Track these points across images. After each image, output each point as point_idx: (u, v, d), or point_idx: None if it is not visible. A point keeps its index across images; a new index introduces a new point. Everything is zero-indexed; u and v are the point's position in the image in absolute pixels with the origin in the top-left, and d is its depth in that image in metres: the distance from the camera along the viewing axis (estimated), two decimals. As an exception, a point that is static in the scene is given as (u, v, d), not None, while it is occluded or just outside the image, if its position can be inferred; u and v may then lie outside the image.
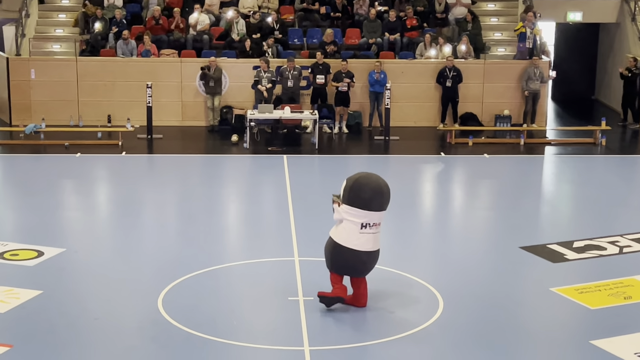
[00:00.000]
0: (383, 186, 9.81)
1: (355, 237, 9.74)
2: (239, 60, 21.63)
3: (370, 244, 9.81)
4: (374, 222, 9.77)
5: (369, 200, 9.68)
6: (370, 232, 9.78)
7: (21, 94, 21.33)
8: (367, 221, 9.73)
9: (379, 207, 9.75)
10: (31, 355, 8.73)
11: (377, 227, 9.85)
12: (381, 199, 9.74)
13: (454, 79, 21.15)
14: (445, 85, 21.21)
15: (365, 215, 9.70)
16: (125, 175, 17.08)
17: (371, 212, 9.70)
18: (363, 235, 9.75)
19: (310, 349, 8.94)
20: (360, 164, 18.42)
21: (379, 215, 9.81)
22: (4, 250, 11.90)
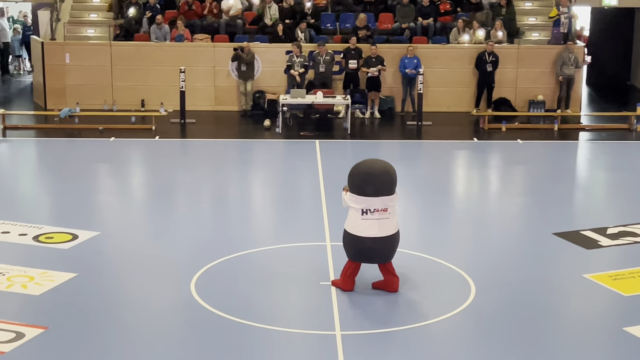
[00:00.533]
0: (376, 172, 9.73)
1: (358, 223, 9.76)
2: (272, 45, 21.64)
3: (374, 230, 9.75)
4: (375, 208, 9.70)
5: (362, 186, 9.69)
6: (373, 218, 9.72)
7: (56, 79, 21.49)
8: (366, 207, 9.70)
9: (374, 192, 9.68)
10: (66, 337, 8.82)
11: (382, 212, 9.74)
12: (373, 184, 9.68)
13: (493, 64, 21.01)
14: (485, 70, 21.06)
15: (364, 201, 9.69)
16: (159, 159, 17.18)
17: (368, 197, 9.67)
18: (365, 221, 9.73)
19: (342, 334, 8.96)
20: (392, 149, 18.40)
21: (381, 201, 9.71)
22: (39, 234, 12.03)
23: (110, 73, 21.47)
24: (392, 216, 9.86)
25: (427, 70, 20.79)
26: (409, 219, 13.56)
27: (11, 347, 8.53)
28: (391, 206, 9.82)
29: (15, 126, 19.71)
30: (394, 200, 9.85)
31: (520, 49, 21.77)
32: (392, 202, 9.83)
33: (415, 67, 20.79)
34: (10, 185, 15.27)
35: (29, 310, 9.53)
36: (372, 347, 8.74)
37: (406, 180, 15.65)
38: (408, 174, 16.15)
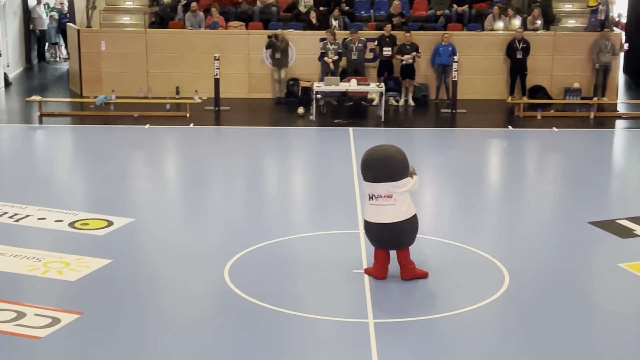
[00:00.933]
0: (376, 158, 9.72)
1: (366, 208, 9.91)
2: (306, 32, 21.63)
3: (379, 216, 9.74)
4: (378, 194, 9.70)
5: (363, 172, 9.82)
6: (377, 204, 9.73)
7: (92, 66, 21.64)
8: (370, 192, 9.77)
9: (374, 179, 9.70)
10: (100, 323, 8.90)
11: (386, 199, 9.69)
12: (372, 171, 9.72)
13: (524, 51, 20.86)
14: (515, 57, 20.92)
15: (368, 186, 9.79)
16: (193, 146, 17.25)
17: (368, 183, 9.76)
18: (371, 206, 9.80)
19: (375, 322, 8.96)
20: (426, 137, 18.35)
21: (383, 187, 9.65)
22: (74, 220, 12.14)
23: (145, 60, 21.58)
24: (400, 203, 9.73)
25: (461, 58, 20.68)
26: (443, 207, 13.53)
27: (47, 332, 8.63)
28: (397, 193, 9.69)
29: (51, 113, 19.89)
30: (401, 187, 9.70)
31: (557, 36, 21.59)
32: (398, 189, 9.68)
33: (449, 55, 20.68)
34: (46, 172, 15.42)
35: (64, 296, 9.63)
36: (405, 335, 8.73)
37: (440, 168, 15.62)
38: (442, 162, 16.11)
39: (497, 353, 8.38)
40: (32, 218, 12.21)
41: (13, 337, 8.50)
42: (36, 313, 9.04)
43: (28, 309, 9.12)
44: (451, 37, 21.07)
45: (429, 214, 13.09)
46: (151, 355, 8.23)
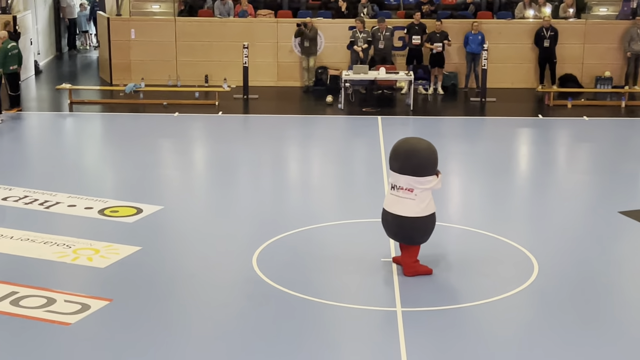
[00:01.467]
0: (402, 150, 9.65)
1: (387, 196, 9.93)
2: (335, 20, 21.58)
3: (395, 207, 9.69)
4: (400, 186, 9.62)
5: (390, 160, 9.83)
6: (396, 194, 9.68)
7: (121, 54, 21.73)
8: (392, 182, 9.74)
9: (398, 169, 9.65)
10: (130, 309, 8.96)
11: (407, 192, 9.61)
12: (397, 161, 9.67)
13: (552, 39, 20.69)
14: (542, 45, 20.76)
15: (391, 175, 9.79)
16: (222, 134, 17.29)
17: (393, 172, 9.72)
18: (391, 196, 9.78)
19: (403, 310, 8.95)
20: (455, 125, 18.27)
21: (405, 180, 9.56)
22: (104, 207, 12.21)
23: (174, 49, 21.64)
24: (420, 200, 9.61)
25: (491, 46, 20.55)
26: (472, 196, 13.48)
27: (76, 318, 8.69)
28: (419, 189, 9.58)
29: (81, 101, 20.00)
30: (423, 184, 9.58)
31: (587, 24, 21.39)
32: (420, 185, 9.57)
33: (479, 43, 20.56)
34: (76, 159, 15.51)
35: (94, 282, 9.70)
36: (433, 324, 8.72)
37: (469, 157, 15.56)
38: (471, 151, 16.03)
39: (525, 343, 8.35)
40: (62, 205, 12.30)
41: (43, 323, 8.57)
42: (66, 299, 9.12)
43: (58, 296, 9.20)
44: (481, 25, 20.94)
45: (458, 203, 13.05)
46: (179, 342, 8.27)
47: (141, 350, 8.08)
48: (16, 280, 9.55)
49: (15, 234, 11.06)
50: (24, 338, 8.29)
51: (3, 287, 9.38)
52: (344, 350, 8.18)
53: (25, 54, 21.81)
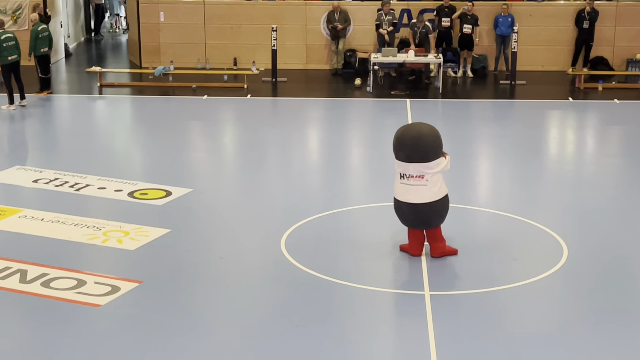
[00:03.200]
0: (407, 138, 9.53)
1: (397, 186, 9.75)
2: (364, 2, 21.50)
3: (408, 195, 9.60)
4: (410, 174, 9.54)
5: (395, 150, 9.63)
6: (407, 183, 9.58)
7: (151, 37, 21.79)
8: (401, 171, 9.61)
9: (405, 158, 9.53)
10: (159, 291, 9.02)
11: (418, 179, 9.54)
12: (403, 150, 9.54)
13: (592, 20, 20.48)
14: (582, 27, 20.56)
15: (400, 165, 9.62)
16: (250, 117, 17.31)
17: (400, 162, 9.59)
18: (402, 185, 9.65)
19: (431, 294, 8.94)
20: (484, 108, 18.17)
21: (415, 168, 9.49)
22: (134, 190, 12.28)
23: (203, 31, 21.67)
24: (431, 184, 9.56)
25: (521, 28, 20.40)
26: (501, 179, 13.42)
27: (106, 300, 8.76)
28: (429, 174, 9.52)
29: (111, 84, 20.09)
30: (432, 168, 9.51)
31: (619, 6, 21.17)
32: (430, 170, 9.51)
33: (509, 26, 20.41)
34: (106, 142, 15.60)
35: (124, 264, 9.77)
36: (461, 307, 8.70)
37: (499, 140, 15.48)
38: (501, 134, 15.95)
39: (554, 327, 8.31)
40: (93, 188, 12.38)
41: (74, 305, 8.65)
42: (96, 281, 9.19)
43: (88, 277, 9.28)
44: (510, 7, 20.78)
45: (487, 187, 13.00)
46: (208, 324, 8.32)
47: (171, 332, 8.13)
48: (47, 262, 9.64)
49: (45, 216, 11.15)
50: (55, 319, 8.37)
51: (34, 268, 9.47)
52: (372, 333, 8.19)
53: (55, 36, 21.92)
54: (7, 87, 17.28)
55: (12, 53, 17.20)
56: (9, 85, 17.25)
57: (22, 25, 21.40)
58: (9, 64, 17.16)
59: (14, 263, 9.61)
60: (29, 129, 16.44)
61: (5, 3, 21.75)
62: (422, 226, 9.80)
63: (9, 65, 17.17)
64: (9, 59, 17.14)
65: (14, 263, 9.61)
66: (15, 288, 9.02)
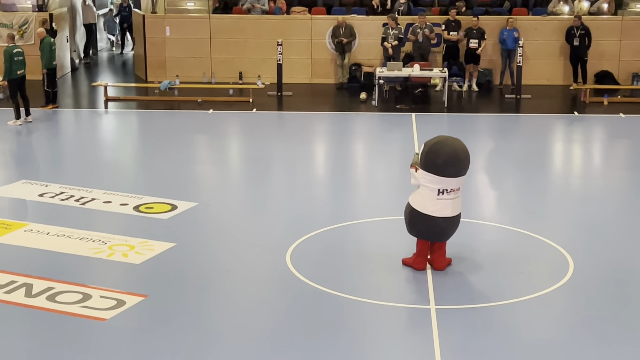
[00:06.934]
0: (460, 152, 9.48)
1: (432, 203, 9.54)
2: (369, 17, 21.55)
3: (449, 209, 9.58)
4: (451, 188, 9.51)
5: (444, 166, 9.41)
6: (448, 197, 9.53)
7: (156, 51, 21.85)
8: (443, 187, 9.48)
9: (455, 173, 9.47)
10: (165, 305, 9.01)
11: (456, 192, 9.58)
12: (458, 165, 9.46)
13: (582, 38, 20.47)
14: (572, 44, 20.58)
15: (441, 181, 9.46)
16: (256, 131, 17.33)
17: (447, 178, 9.45)
18: (440, 201, 9.53)
19: (437, 308, 8.92)
20: (490, 122, 18.18)
21: (457, 181, 9.53)
22: (139, 204, 12.29)
23: (209, 46, 21.72)
24: (461, 193, 9.71)
25: (527, 43, 20.42)
26: (507, 193, 13.40)
27: (112, 314, 8.76)
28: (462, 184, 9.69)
29: (116, 98, 20.14)
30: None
31: (625, 20, 21.19)
32: (462, 181, 9.67)
33: (514, 40, 20.43)
34: (112, 156, 15.62)
35: (129, 278, 9.76)
36: (467, 321, 8.68)
37: (505, 155, 15.48)
38: (506, 148, 15.95)
39: (561, 341, 8.28)
40: (98, 201, 12.39)
41: (79, 319, 8.65)
42: (102, 295, 9.19)
43: (94, 291, 9.27)
44: (516, 21, 20.81)
45: (492, 201, 12.98)
46: (214, 338, 8.31)
47: (176, 346, 8.12)
48: (52, 276, 9.64)
49: (51, 230, 11.16)
50: (60, 333, 8.37)
51: (40, 282, 9.47)
52: (378, 348, 8.17)
53: (62, 51, 22.01)
54: (14, 102, 17.32)
55: (20, 67, 17.27)
56: (16, 100, 17.30)
57: (28, 39, 21.47)
58: (16, 79, 17.21)
59: (19, 277, 9.62)
60: (35, 143, 16.47)
61: (11, 18, 21.83)
62: (445, 239, 9.82)
63: (17, 80, 17.23)
64: (17, 73, 17.21)
65: (19, 277, 9.62)
66: (21, 302, 9.02)
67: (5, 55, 17.12)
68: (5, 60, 17.15)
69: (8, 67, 17.09)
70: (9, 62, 17.05)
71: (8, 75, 17.21)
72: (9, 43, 17.41)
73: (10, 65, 17.07)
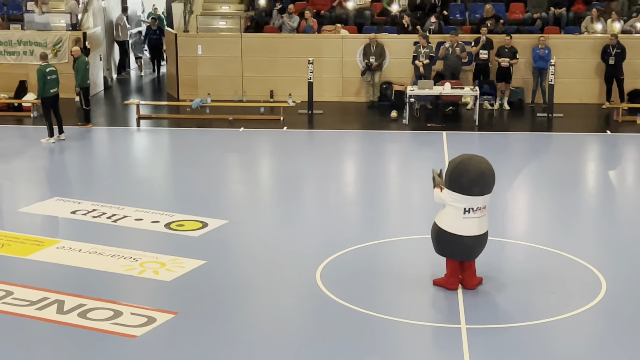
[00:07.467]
0: (485, 170, 9.46)
1: (458, 222, 9.51)
2: (400, 35, 21.56)
3: (475, 228, 9.53)
4: (477, 207, 9.48)
5: (470, 185, 9.40)
6: (475, 216, 9.50)
7: (188, 70, 21.98)
8: (469, 206, 9.45)
9: (481, 192, 9.45)
10: (195, 323, 9.02)
11: (482, 210, 9.55)
12: (483, 183, 9.44)
13: (617, 57, 20.34)
14: (608, 63, 20.44)
15: (467, 200, 9.43)
16: (286, 149, 17.36)
17: (473, 197, 9.42)
18: (467, 220, 9.50)
19: (467, 327, 8.87)
20: (521, 141, 18.09)
21: (483, 199, 9.50)
22: (170, 221, 12.34)
23: (240, 64, 21.82)
24: (487, 211, 9.67)
25: (558, 61, 20.32)
26: (539, 212, 13.32)
27: (142, 331, 8.79)
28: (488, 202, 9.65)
29: (149, 116, 20.27)
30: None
31: (659, 38, 21.05)
32: (488, 199, 9.63)
33: (546, 59, 20.34)
34: (143, 173, 15.72)
35: (160, 295, 9.80)
36: (498, 342, 8.61)
37: (536, 174, 15.39)
38: (538, 167, 15.86)
39: (593, 362, 8.20)
40: (130, 219, 12.46)
41: (110, 336, 8.68)
42: (132, 312, 9.22)
43: (125, 308, 9.31)
44: (547, 40, 20.73)
45: (523, 220, 12.91)
46: (243, 355, 8.31)
47: (205, 364, 8.13)
48: (84, 293, 9.70)
49: (83, 247, 11.23)
50: (91, 350, 8.40)
51: (71, 299, 9.53)
52: (408, 367, 8.13)
53: (95, 69, 22.20)
54: (47, 121, 17.49)
55: (53, 86, 17.46)
56: (49, 118, 17.47)
57: (62, 58, 21.68)
58: (50, 97, 17.40)
59: (51, 294, 9.68)
60: (67, 161, 16.61)
61: (45, 36, 22.07)
62: (473, 257, 9.78)
63: (50, 98, 17.41)
64: (51, 92, 17.39)
65: (51, 294, 9.68)
66: (53, 318, 9.08)
67: (39, 74, 17.33)
68: (38, 79, 17.36)
69: (41, 85, 17.30)
70: (42, 81, 17.25)
71: (41, 94, 17.41)
72: (43, 62, 17.62)
73: (43, 84, 17.27)
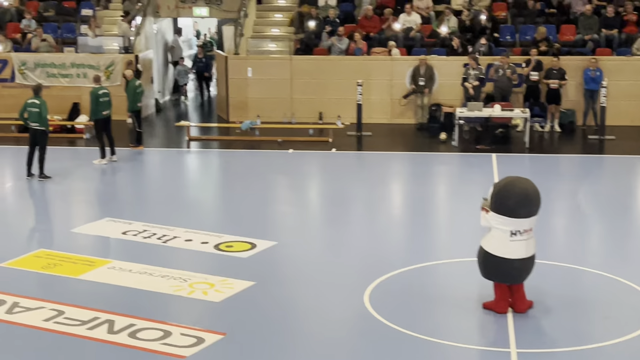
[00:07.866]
0: (530, 192, 9.39)
1: (505, 245, 9.43)
2: (449, 57, 21.51)
3: (523, 251, 9.45)
4: (524, 229, 9.40)
5: (515, 208, 9.33)
6: (522, 239, 9.42)
7: (238, 92, 22.14)
8: (516, 228, 9.38)
9: (527, 214, 9.37)
10: (243, 344, 9.04)
11: (529, 232, 9.47)
12: (528, 206, 9.36)
13: None
14: None
15: (513, 222, 9.36)
16: (335, 171, 17.37)
17: (519, 219, 9.35)
18: (513, 243, 9.42)
19: (518, 351, 8.77)
20: (573, 164, 17.92)
21: (529, 222, 9.42)
22: (219, 242, 12.40)
23: (289, 86, 21.92)
24: (534, 234, 9.58)
25: (610, 83, 20.12)
26: (590, 236, 13.17)
27: (191, 351, 8.82)
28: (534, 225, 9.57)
29: (199, 138, 20.44)
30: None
31: None
32: (535, 221, 9.55)
33: (598, 80, 20.16)
34: (193, 194, 15.83)
35: (209, 316, 9.84)
36: (549, 366, 8.52)
37: (588, 197, 15.22)
38: (590, 190, 15.69)
39: (647, 389, 8.06)
40: (180, 240, 12.55)
41: (160, 356, 8.73)
42: (182, 332, 9.27)
43: (174, 328, 9.36)
44: (599, 61, 20.55)
45: (575, 243, 12.76)
46: (292, 378, 8.30)
47: (254, 385, 8.13)
48: (134, 313, 9.77)
49: (134, 267, 11.33)
50: (141, 369, 8.46)
51: (121, 319, 9.61)
52: (457, 391, 8.06)
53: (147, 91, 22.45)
54: (99, 142, 17.72)
55: (106, 108, 17.70)
56: (101, 140, 17.69)
57: (114, 80, 21.98)
58: (102, 119, 17.63)
59: (102, 313, 9.77)
60: (119, 182, 16.80)
61: (98, 59, 22.40)
62: (521, 280, 9.68)
63: (102, 120, 17.64)
64: (103, 114, 17.63)
65: (102, 313, 9.77)
66: (103, 338, 9.16)
67: (92, 97, 17.58)
68: (91, 101, 17.61)
69: (94, 107, 17.55)
70: (95, 103, 17.49)
71: (94, 116, 17.66)
72: (95, 84, 17.87)
73: (96, 106, 17.52)
